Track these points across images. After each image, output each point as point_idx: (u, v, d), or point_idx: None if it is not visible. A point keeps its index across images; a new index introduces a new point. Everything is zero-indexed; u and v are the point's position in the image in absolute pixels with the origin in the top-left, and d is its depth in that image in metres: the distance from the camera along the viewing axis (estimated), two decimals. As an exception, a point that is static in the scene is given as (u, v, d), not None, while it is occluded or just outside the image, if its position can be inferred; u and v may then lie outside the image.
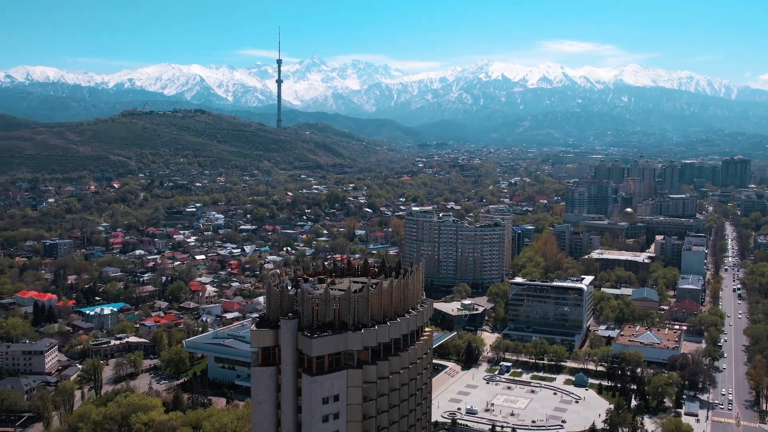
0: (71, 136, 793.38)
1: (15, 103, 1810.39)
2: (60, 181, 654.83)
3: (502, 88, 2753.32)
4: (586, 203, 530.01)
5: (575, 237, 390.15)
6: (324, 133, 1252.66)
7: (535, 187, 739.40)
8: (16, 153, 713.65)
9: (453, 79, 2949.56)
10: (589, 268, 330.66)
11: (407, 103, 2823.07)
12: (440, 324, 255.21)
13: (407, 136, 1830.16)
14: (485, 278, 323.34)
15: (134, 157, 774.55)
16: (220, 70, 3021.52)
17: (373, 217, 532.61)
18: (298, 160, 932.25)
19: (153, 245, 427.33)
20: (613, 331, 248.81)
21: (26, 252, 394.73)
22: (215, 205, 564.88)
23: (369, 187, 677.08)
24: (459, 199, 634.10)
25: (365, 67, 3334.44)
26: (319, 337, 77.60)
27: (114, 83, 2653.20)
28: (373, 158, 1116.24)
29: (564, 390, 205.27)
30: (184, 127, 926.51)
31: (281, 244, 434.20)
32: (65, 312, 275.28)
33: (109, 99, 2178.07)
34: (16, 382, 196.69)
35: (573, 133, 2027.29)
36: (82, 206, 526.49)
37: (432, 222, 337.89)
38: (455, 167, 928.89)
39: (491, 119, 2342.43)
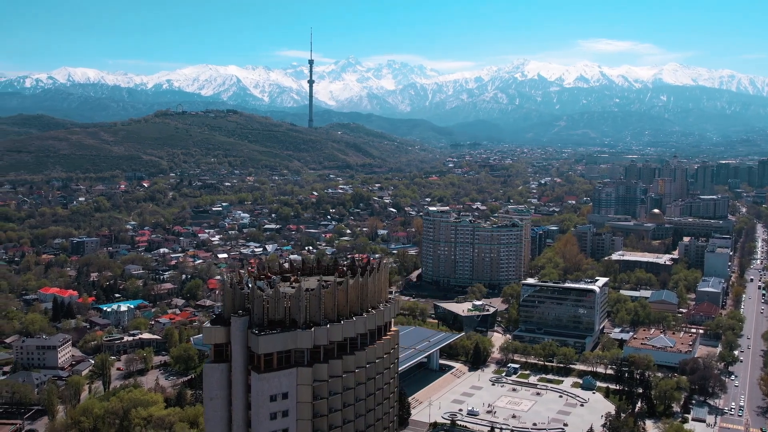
0: (105, 136, 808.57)
1: (56, 104, 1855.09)
2: (93, 180, 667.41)
3: (538, 87, 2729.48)
4: (614, 204, 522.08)
5: (597, 238, 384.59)
6: (356, 133, 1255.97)
7: (565, 188, 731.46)
8: (51, 153, 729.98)
9: (488, 78, 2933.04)
10: (608, 269, 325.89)
11: (442, 103, 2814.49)
12: (452, 324, 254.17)
13: (441, 136, 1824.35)
14: (502, 279, 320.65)
15: (166, 157, 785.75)
16: (256, 70, 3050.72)
17: (397, 217, 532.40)
18: (328, 159, 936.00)
19: (177, 243, 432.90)
20: (626, 334, 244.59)
21: (54, 249, 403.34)
22: (242, 204, 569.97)
23: (395, 187, 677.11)
24: (486, 200, 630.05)
25: (400, 67, 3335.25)
26: (265, 334, 77.85)
27: (152, 84, 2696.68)
28: (404, 158, 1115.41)
29: (570, 393, 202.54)
30: (215, 127, 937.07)
31: (303, 243, 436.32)
32: (84, 308, 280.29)
33: (147, 100, 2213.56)
34: (27, 376, 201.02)
35: (610, 133, 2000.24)
36: (111, 205, 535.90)
37: (449, 222, 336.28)
38: (485, 167, 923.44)
39: (526, 119, 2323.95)
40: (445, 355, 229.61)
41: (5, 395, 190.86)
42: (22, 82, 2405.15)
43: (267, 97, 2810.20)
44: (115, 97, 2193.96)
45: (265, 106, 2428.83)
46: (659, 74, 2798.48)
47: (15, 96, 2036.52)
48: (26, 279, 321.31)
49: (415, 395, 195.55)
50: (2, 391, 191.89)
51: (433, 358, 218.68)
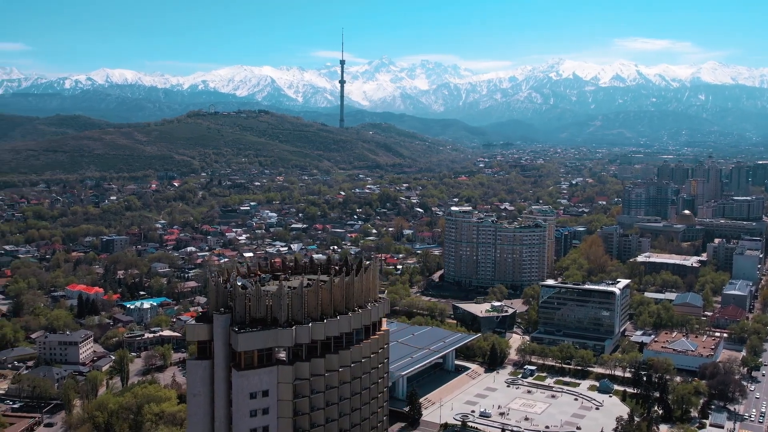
0: (138, 136, 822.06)
1: (95, 105, 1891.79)
2: (126, 179, 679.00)
3: (573, 87, 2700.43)
4: (644, 205, 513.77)
5: (624, 239, 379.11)
6: (387, 133, 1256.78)
7: (596, 188, 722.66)
8: (86, 152, 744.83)
9: (522, 78, 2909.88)
10: (633, 271, 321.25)
11: (475, 103, 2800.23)
12: (470, 325, 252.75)
13: (473, 136, 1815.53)
14: (524, 280, 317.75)
15: (197, 157, 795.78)
16: (290, 71, 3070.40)
17: (424, 217, 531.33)
18: (358, 159, 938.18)
19: (205, 242, 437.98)
20: (648, 337, 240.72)
21: (84, 247, 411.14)
22: (270, 204, 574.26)
23: (423, 187, 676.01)
24: (515, 200, 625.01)
25: (434, 67, 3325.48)
26: (245, 332, 78.41)
27: (188, 85, 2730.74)
28: (435, 158, 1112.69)
29: (586, 396, 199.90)
30: (247, 128, 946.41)
31: (329, 242, 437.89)
32: (109, 305, 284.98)
33: (183, 100, 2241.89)
34: (48, 370, 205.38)
35: (646, 132, 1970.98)
36: (141, 204, 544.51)
37: (471, 222, 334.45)
38: (516, 167, 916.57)
39: (561, 119, 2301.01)
40: (462, 356, 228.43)
41: (27, 389, 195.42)
42: (62, 84, 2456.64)
43: (301, 97, 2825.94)
44: (151, 98, 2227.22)
45: (299, 106, 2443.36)
46: (697, 73, 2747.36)
47: (55, 97, 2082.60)
48: (55, 276, 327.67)
49: (428, 396, 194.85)
50: (24, 385, 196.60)
51: (449, 359, 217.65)
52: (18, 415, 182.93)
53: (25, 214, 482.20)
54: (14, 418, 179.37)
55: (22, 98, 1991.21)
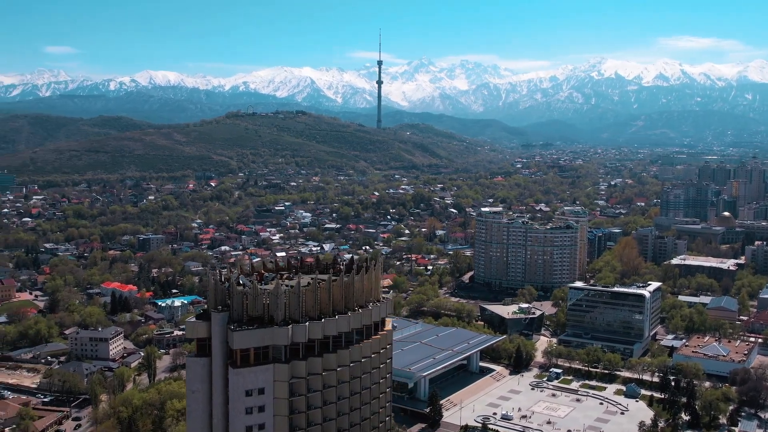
0: (178, 136, 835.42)
1: (138, 106, 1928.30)
2: (165, 179, 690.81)
3: (615, 86, 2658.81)
4: (682, 206, 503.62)
5: (659, 241, 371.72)
6: (425, 133, 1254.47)
7: (635, 189, 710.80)
8: (127, 153, 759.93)
9: (563, 78, 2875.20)
10: (667, 274, 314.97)
11: (515, 103, 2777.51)
12: (498, 327, 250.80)
13: (513, 136, 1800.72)
14: (555, 282, 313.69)
15: (235, 157, 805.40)
16: (330, 72, 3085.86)
17: (457, 218, 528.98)
18: (394, 160, 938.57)
19: (239, 242, 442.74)
20: (679, 341, 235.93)
21: (121, 246, 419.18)
22: (304, 203, 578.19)
23: (458, 188, 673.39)
24: (551, 201, 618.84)
25: (474, 67, 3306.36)
26: (240, 330, 79.11)
27: (230, 86, 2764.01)
28: (472, 159, 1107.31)
29: (612, 400, 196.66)
30: (284, 128, 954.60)
31: (361, 242, 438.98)
32: (141, 303, 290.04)
33: (224, 101, 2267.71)
34: (77, 366, 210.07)
35: (690, 133, 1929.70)
36: (179, 204, 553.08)
37: (501, 223, 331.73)
38: (554, 168, 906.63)
39: (602, 119, 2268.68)
40: (488, 358, 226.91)
41: (57, 384, 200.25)
42: (107, 85, 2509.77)
43: (340, 98, 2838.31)
44: (193, 99, 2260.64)
45: (338, 107, 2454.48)
46: (744, 72, 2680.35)
47: (100, 98, 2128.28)
48: (91, 274, 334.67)
49: (451, 397, 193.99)
50: (54, 380, 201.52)
51: (473, 361, 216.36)
52: (47, 408, 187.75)
53: (65, 213, 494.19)
54: (44, 412, 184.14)
55: (68, 100, 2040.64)
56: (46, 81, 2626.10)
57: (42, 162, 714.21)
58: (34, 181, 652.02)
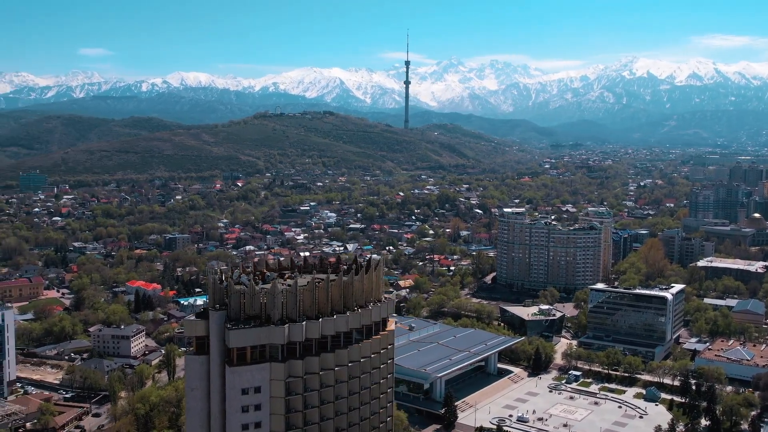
0: (206, 137, 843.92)
1: (169, 107, 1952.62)
2: (193, 179, 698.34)
3: (647, 86, 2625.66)
4: (712, 207, 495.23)
5: (686, 243, 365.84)
6: (452, 133, 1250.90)
7: (665, 190, 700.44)
8: (156, 153, 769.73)
9: (594, 77, 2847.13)
10: (693, 276, 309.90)
11: (545, 103, 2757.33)
12: (518, 329, 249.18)
13: (542, 136, 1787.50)
14: (578, 283, 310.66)
15: (263, 158, 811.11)
16: (359, 72, 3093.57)
17: (482, 218, 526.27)
18: (421, 160, 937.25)
19: (264, 241, 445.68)
20: (702, 345, 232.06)
21: (148, 245, 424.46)
22: (329, 204, 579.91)
23: (484, 188, 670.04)
24: (578, 202, 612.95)
25: (503, 67, 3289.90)
26: (236, 328, 79.61)
27: (259, 87, 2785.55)
28: (499, 159, 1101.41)
29: (631, 404, 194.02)
30: (311, 128, 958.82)
31: (385, 243, 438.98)
32: (164, 301, 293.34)
33: (254, 102, 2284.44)
34: (99, 363, 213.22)
35: (723, 133, 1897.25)
36: (205, 203, 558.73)
37: (523, 224, 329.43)
38: (582, 168, 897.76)
39: (634, 119, 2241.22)
40: (507, 360, 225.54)
41: (78, 380, 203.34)
42: (139, 87, 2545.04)
43: (369, 98, 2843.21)
44: (223, 100, 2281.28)
45: (367, 107, 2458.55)
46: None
47: (132, 99, 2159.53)
48: (117, 272, 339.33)
49: (467, 398, 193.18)
50: (76, 376, 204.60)
51: (491, 362, 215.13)
52: (68, 404, 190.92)
53: (94, 213, 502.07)
54: (64, 407, 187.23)
55: (101, 101, 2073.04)
56: (80, 82, 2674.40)
57: (73, 162, 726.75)
58: (65, 180, 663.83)
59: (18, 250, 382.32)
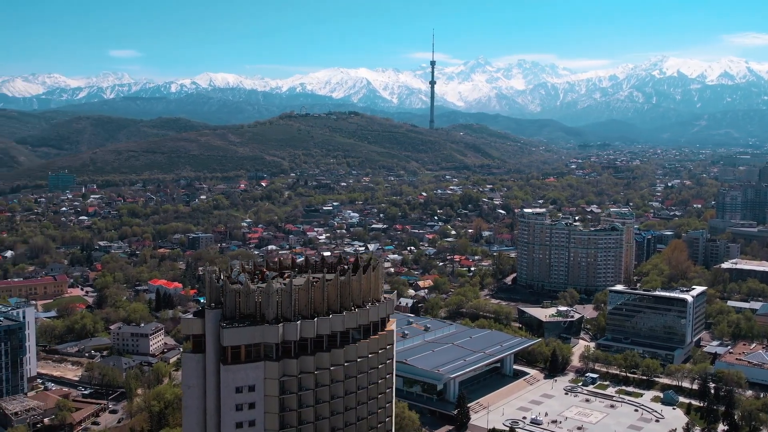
0: (232, 137, 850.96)
1: (197, 107, 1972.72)
2: (219, 179, 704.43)
3: (678, 85, 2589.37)
4: (740, 208, 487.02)
5: (711, 245, 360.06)
6: (478, 133, 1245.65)
7: (693, 191, 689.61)
8: (182, 153, 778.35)
9: (623, 76, 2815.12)
10: (717, 278, 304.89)
11: (573, 103, 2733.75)
12: (536, 330, 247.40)
13: (570, 136, 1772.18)
14: (599, 285, 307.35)
15: (287, 158, 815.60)
16: (386, 73, 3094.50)
17: (506, 219, 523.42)
18: (446, 160, 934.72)
19: (286, 241, 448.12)
20: (723, 348, 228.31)
21: (172, 244, 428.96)
22: (352, 204, 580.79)
23: (508, 188, 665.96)
24: (604, 202, 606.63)
25: (531, 67, 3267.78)
26: (230, 327, 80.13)
27: (287, 88, 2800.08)
28: (525, 159, 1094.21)
29: (647, 407, 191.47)
30: (336, 129, 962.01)
31: (406, 243, 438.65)
32: (185, 300, 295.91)
33: (281, 103, 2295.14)
34: (117, 360, 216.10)
35: (756, 132, 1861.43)
36: (229, 203, 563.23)
37: (544, 224, 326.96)
38: (609, 168, 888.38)
39: (663, 118, 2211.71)
40: (524, 361, 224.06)
41: (96, 377, 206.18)
42: (168, 88, 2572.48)
43: (396, 98, 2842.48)
44: (251, 101, 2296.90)
45: (394, 108, 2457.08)
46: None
47: (161, 100, 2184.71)
48: (140, 271, 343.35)
49: (481, 400, 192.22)
50: (95, 373, 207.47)
51: (507, 363, 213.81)
52: (86, 401, 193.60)
53: (120, 212, 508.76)
54: (82, 404, 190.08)
55: (131, 102, 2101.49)
56: (110, 84, 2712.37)
57: (101, 162, 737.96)
58: (93, 180, 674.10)
59: (45, 249, 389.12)
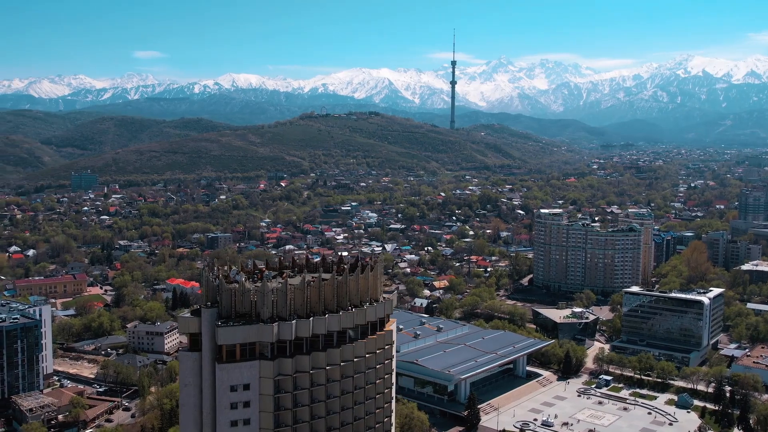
0: (252, 138, 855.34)
1: (220, 108, 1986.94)
2: (239, 179, 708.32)
3: (703, 84, 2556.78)
4: (763, 209, 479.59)
5: (731, 246, 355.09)
6: (499, 134, 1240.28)
7: (716, 191, 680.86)
8: (203, 153, 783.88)
9: (648, 76, 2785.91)
10: (736, 280, 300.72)
11: (597, 103, 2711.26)
12: (550, 332, 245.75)
13: (592, 136, 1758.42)
14: (616, 286, 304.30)
15: (307, 158, 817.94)
16: (407, 73, 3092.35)
17: (524, 219, 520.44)
18: (466, 161, 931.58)
19: (304, 241, 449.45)
20: (741, 351, 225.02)
21: (191, 243, 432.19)
22: (371, 204, 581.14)
23: (528, 189, 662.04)
24: (624, 203, 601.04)
25: (554, 66, 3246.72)
26: (225, 326, 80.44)
27: (309, 88, 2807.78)
28: (546, 159, 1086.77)
29: (661, 410, 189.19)
30: (356, 129, 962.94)
31: (424, 243, 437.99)
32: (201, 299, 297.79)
33: (303, 103, 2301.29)
34: (132, 358, 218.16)
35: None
36: (249, 203, 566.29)
37: (560, 225, 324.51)
38: (631, 169, 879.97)
39: (688, 118, 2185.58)
40: (537, 363, 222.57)
41: (111, 375, 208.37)
42: (192, 89, 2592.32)
43: (417, 99, 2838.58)
44: (273, 101, 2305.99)
45: (416, 108, 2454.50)
46: None
47: (184, 101, 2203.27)
48: (158, 270, 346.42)
49: (492, 401, 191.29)
50: (110, 371, 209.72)
51: (520, 365, 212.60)
52: (100, 398, 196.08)
53: (141, 212, 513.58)
54: (96, 401, 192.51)
55: (154, 103, 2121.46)
56: (134, 85, 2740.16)
57: (124, 162, 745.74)
58: (115, 180, 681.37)
59: (66, 248, 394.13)
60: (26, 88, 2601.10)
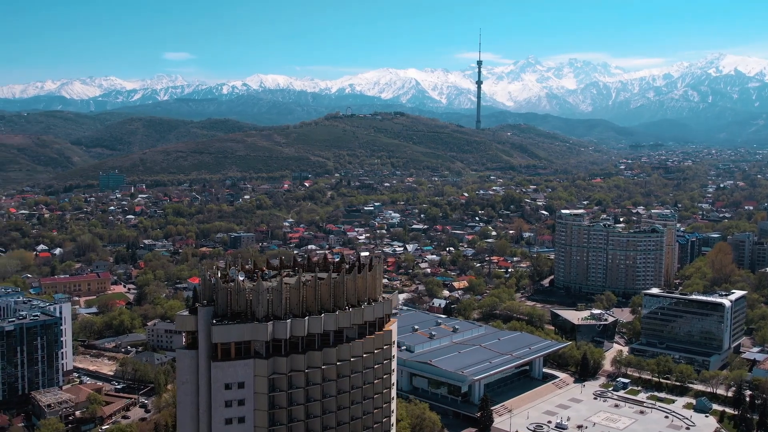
0: (277, 138, 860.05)
1: (247, 109, 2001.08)
2: (264, 179, 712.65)
3: (735, 83, 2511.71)
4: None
5: (758, 247, 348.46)
6: (526, 134, 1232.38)
7: (746, 192, 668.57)
8: (229, 154, 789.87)
9: (678, 75, 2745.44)
10: (762, 282, 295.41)
11: (626, 102, 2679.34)
12: (569, 333, 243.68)
13: (621, 136, 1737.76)
14: (638, 288, 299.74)
15: (332, 158, 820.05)
16: (435, 73, 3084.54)
17: (548, 220, 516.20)
18: (491, 161, 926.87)
19: (326, 241, 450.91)
20: (764, 354, 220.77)
21: (214, 243, 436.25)
22: (394, 204, 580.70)
23: (553, 189, 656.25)
24: (651, 203, 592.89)
25: (582, 66, 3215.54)
26: (219, 324, 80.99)
27: (336, 89, 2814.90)
28: (573, 160, 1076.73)
29: (679, 414, 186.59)
30: (381, 129, 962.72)
31: (446, 244, 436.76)
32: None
33: (330, 103, 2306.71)
34: (150, 356, 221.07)
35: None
36: (272, 203, 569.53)
37: (582, 225, 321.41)
38: (659, 169, 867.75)
39: (720, 118, 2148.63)
40: (554, 365, 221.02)
41: (129, 372, 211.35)
42: (220, 89, 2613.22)
43: (444, 99, 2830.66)
44: (300, 102, 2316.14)
45: (443, 108, 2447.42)
46: None
47: (212, 102, 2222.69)
48: (181, 269, 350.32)
49: (507, 402, 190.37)
50: (128, 368, 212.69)
51: (536, 366, 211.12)
52: (118, 395, 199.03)
53: (166, 211, 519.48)
54: (114, 398, 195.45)
55: (183, 103, 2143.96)
56: (164, 86, 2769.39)
57: (151, 162, 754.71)
58: (142, 180, 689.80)
59: (92, 247, 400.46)
60: (58, 89, 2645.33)
